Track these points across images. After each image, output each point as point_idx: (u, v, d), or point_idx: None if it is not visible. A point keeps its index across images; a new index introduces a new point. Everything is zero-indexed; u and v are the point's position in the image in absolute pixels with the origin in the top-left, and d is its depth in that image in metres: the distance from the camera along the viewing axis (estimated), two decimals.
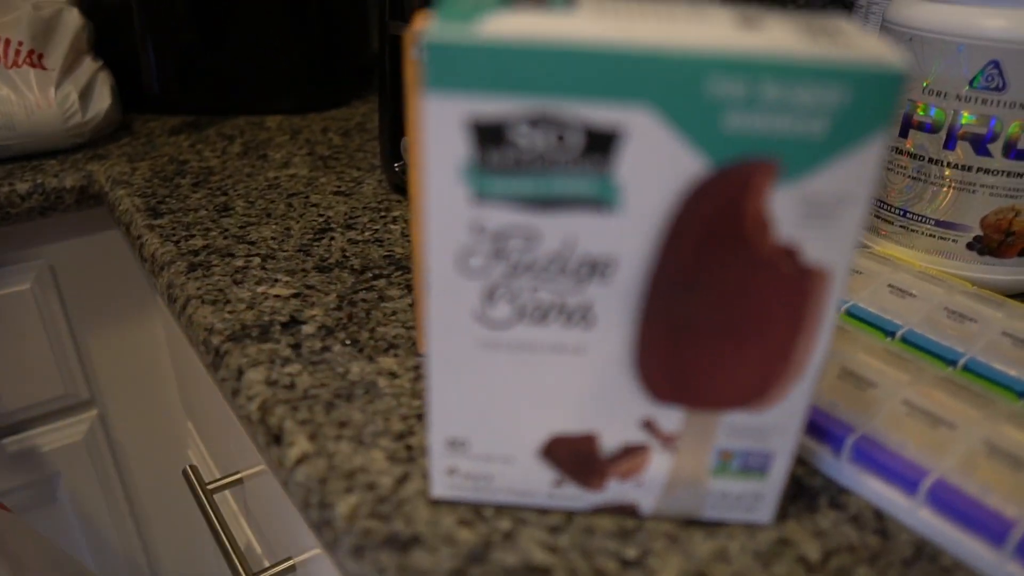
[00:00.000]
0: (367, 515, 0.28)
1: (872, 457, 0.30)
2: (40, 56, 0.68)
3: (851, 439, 0.30)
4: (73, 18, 0.72)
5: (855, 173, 0.21)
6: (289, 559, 0.48)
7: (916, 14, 0.43)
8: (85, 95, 0.70)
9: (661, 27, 0.21)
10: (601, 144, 0.21)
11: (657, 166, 0.21)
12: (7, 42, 0.67)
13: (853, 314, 0.40)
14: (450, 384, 0.26)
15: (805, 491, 0.31)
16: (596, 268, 0.23)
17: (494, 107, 0.21)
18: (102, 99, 0.71)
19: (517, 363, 0.25)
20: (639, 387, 0.25)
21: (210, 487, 0.53)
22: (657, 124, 0.21)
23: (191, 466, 0.53)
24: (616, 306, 0.24)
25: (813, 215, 0.22)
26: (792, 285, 0.23)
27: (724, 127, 0.21)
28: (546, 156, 0.21)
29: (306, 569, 0.47)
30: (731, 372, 0.25)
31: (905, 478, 0.29)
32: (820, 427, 0.31)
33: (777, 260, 0.22)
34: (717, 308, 0.23)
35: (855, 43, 0.21)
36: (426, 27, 0.21)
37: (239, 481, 0.55)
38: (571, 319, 0.24)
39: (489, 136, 0.21)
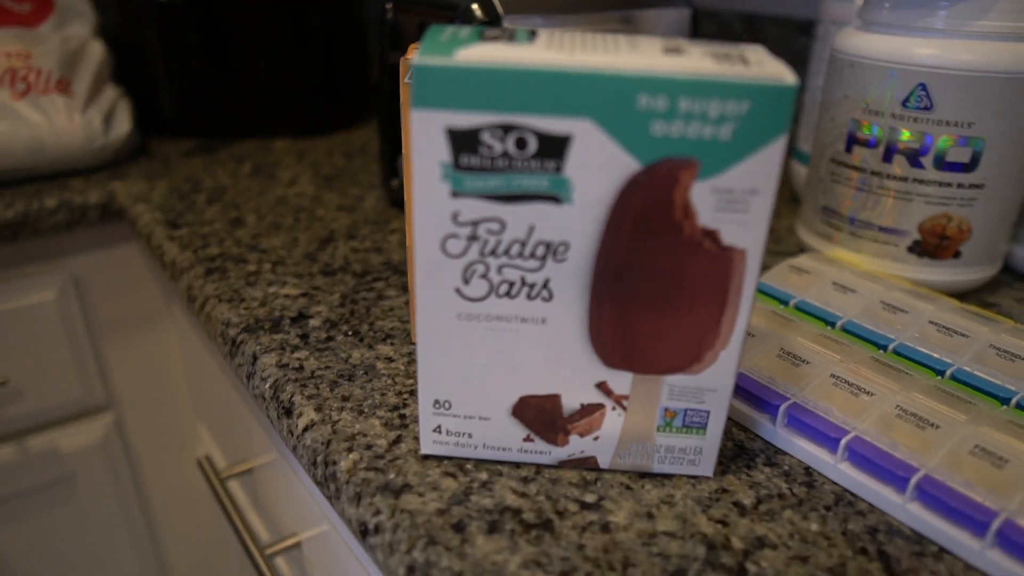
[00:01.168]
0: (365, 468, 0.33)
1: (801, 421, 0.35)
2: (67, 84, 0.74)
3: (784, 406, 0.35)
4: (97, 49, 0.78)
5: (761, 170, 0.26)
6: (295, 535, 0.52)
7: (856, 43, 0.49)
8: (107, 120, 0.76)
9: (602, 55, 0.26)
10: (553, 148, 0.26)
11: (598, 165, 0.26)
12: (39, 72, 0.72)
13: (800, 308, 0.45)
14: (435, 351, 0.31)
15: (745, 452, 0.35)
16: (551, 249, 0.28)
17: (467, 119, 0.26)
18: (123, 123, 0.77)
19: (490, 332, 0.30)
20: (593, 354, 0.30)
21: (224, 475, 0.57)
22: (597, 131, 0.26)
23: (206, 456, 0.58)
24: (570, 282, 0.29)
25: (728, 205, 0.27)
26: (715, 264, 0.28)
27: (651, 133, 0.26)
28: (509, 158, 0.27)
29: (310, 545, 0.51)
30: (670, 340, 0.30)
31: (828, 437, 0.34)
32: (759, 398, 0.36)
33: (701, 242, 0.27)
34: (654, 284, 0.28)
35: (757, 65, 0.26)
36: (414, 55, 0.26)
37: (249, 471, 0.60)
38: (533, 293, 0.29)
39: (463, 143, 0.27)
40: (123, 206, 0.68)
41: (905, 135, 0.47)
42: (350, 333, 0.44)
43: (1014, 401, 0.36)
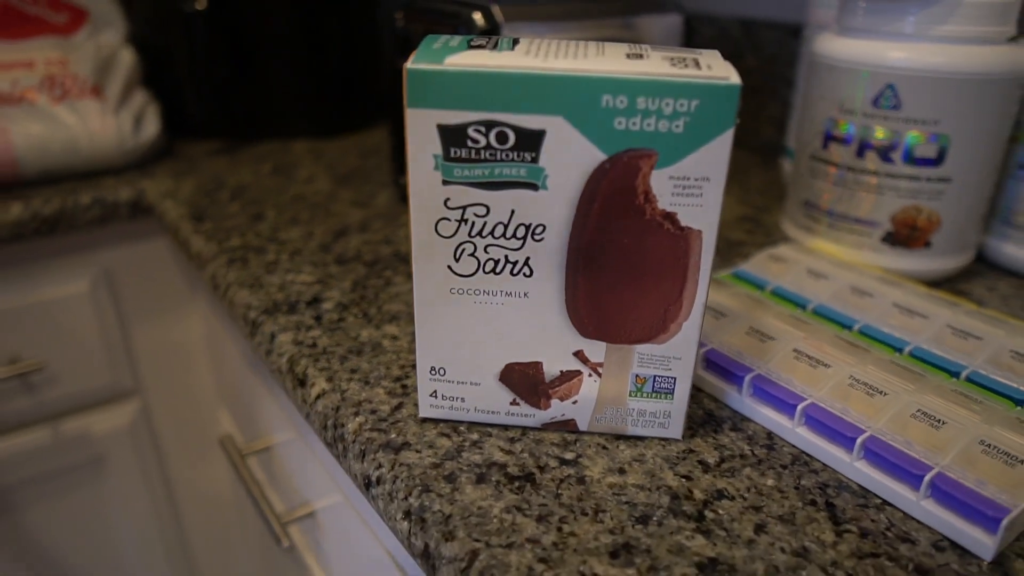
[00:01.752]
0: (369, 430, 0.37)
1: (764, 390, 0.38)
2: (101, 89, 0.79)
3: (749, 377, 0.39)
4: (127, 56, 0.83)
5: (711, 159, 0.30)
6: (309, 505, 0.57)
7: (832, 46, 0.52)
8: (137, 122, 0.81)
9: (571, 60, 0.30)
10: (529, 141, 0.30)
11: (569, 156, 0.30)
12: (75, 78, 0.77)
13: (776, 293, 0.48)
14: (431, 322, 0.35)
15: (714, 419, 0.39)
16: (529, 230, 0.32)
17: (455, 117, 0.30)
18: (151, 126, 0.82)
19: (479, 305, 0.34)
20: (570, 325, 0.34)
21: (244, 452, 0.62)
22: (567, 127, 0.30)
23: (228, 435, 0.62)
24: (547, 260, 0.32)
25: (684, 190, 0.31)
26: (675, 243, 0.32)
27: (614, 128, 0.30)
28: (492, 150, 0.30)
29: (323, 514, 0.55)
30: (637, 312, 0.33)
31: (787, 404, 0.37)
32: (727, 371, 0.40)
33: (661, 223, 0.31)
34: (621, 262, 0.32)
35: (707, 67, 0.29)
36: (409, 61, 0.30)
37: (267, 448, 0.64)
38: (515, 270, 0.33)
39: (452, 137, 0.30)
40: (152, 203, 0.73)
41: (878, 133, 0.50)
42: (360, 315, 0.48)
43: (964, 375, 0.40)
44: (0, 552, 0.82)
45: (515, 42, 0.32)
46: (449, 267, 0.33)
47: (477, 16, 0.55)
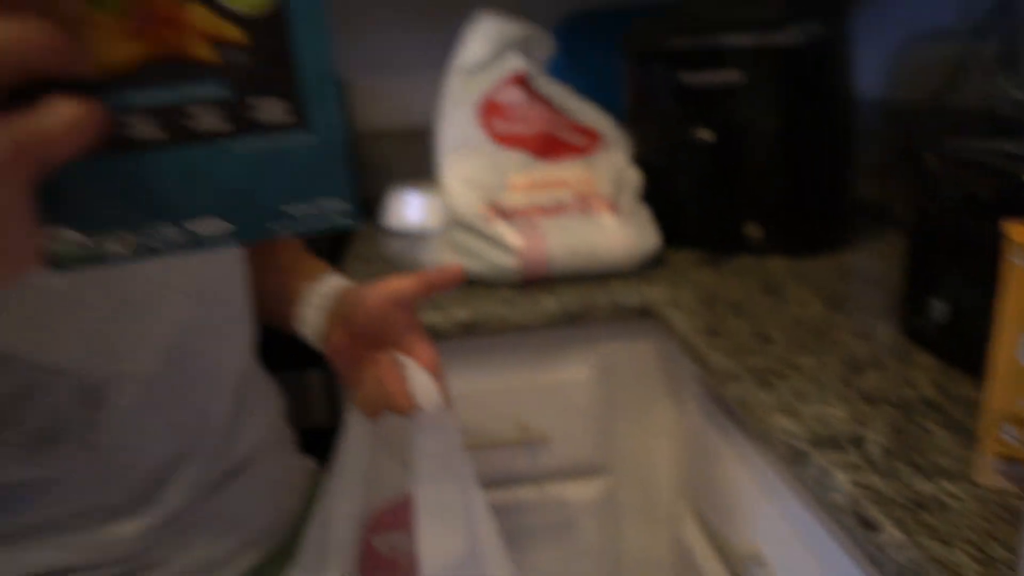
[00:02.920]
0: None
1: None
2: (614, 203, 0.92)
3: None
4: (633, 175, 0.96)
5: None
6: None
7: None
8: (641, 233, 0.92)
9: None
10: None
11: None
12: (596, 193, 0.92)
13: None
14: None
15: None
16: None
17: None
18: (652, 237, 0.93)
19: None
20: None
21: (745, 557, 0.66)
22: None
23: (723, 537, 0.67)
24: None
25: None
26: None
27: None
28: None
29: None
30: None
31: None
32: None
33: None
34: None
35: None
36: None
37: (758, 554, 0.68)
38: None
39: None
40: (657, 310, 0.83)
41: None
42: (908, 463, 0.50)
43: None
44: None
45: None
46: None
47: None
